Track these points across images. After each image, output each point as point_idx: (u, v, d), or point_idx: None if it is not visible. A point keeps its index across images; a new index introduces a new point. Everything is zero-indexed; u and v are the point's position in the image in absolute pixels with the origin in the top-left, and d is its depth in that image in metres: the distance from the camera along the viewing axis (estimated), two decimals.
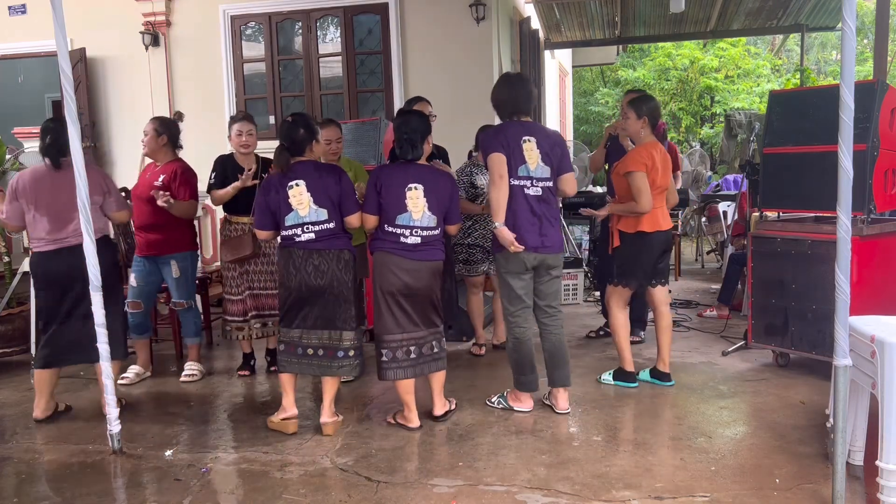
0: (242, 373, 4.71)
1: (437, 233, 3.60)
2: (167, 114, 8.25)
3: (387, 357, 3.57)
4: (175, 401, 4.28)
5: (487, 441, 3.45)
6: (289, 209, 3.50)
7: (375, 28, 7.90)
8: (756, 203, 4.82)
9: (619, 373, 4.22)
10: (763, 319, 4.43)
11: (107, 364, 3.48)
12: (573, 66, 15.34)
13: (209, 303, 5.83)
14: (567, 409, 3.78)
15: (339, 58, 8.01)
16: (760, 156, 4.57)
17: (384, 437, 3.54)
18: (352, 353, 3.56)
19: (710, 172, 11.95)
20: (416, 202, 3.51)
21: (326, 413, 3.61)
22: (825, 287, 3.82)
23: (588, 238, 7.75)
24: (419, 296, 3.56)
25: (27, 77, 11.18)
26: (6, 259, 5.40)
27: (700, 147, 13.17)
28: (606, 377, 4.27)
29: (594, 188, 10.12)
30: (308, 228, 3.50)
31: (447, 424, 3.68)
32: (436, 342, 3.66)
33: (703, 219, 9.07)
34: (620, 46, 14.44)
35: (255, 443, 3.55)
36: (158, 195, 4.29)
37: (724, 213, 8.23)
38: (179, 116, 4.78)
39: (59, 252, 3.82)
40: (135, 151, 6.68)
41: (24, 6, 8.51)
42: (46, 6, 3.31)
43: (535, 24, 10.24)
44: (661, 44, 16.50)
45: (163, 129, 4.53)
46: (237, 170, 4.46)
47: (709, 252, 9.40)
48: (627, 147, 4.52)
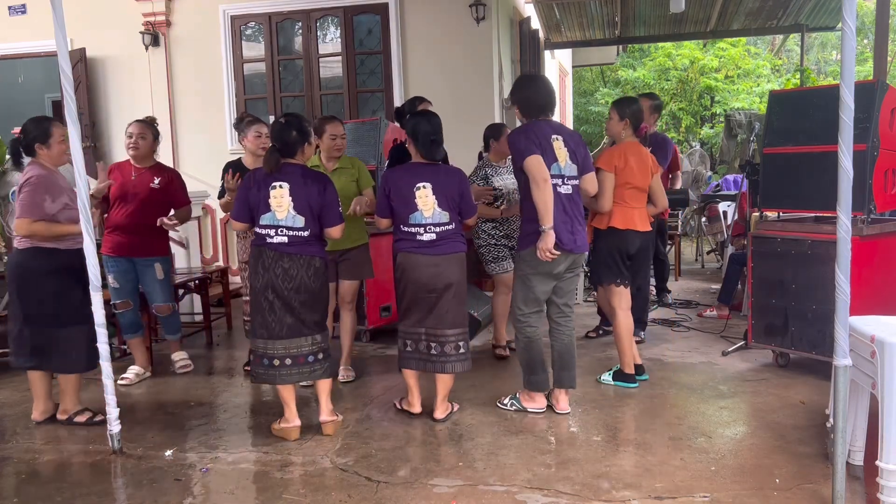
0: (249, 368, 4.69)
1: (452, 227, 3.66)
2: (167, 114, 8.30)
3: (410, 348, 3.68)
4: (175, 401, 4.28)
5: (487, 441, 3.45)
6: (267, 209, 3.45)
7: (375, 28, 7.90)
8: (756, 203, 4.82)
9: (620, 373, 4.22)
10: (763, 319, 4.43)
11: (107, 364, 3.47)
12: (573, 66, 15.36)
13: (209, 303, 5.83)
14: (567, 410, 3.79)
15: (339, 58, 8.02)
16: (760, 156, 4.56)
17: (384, 437, 3.55)
18: (321, 356, 3.56)
19: (710, 172, 11.94)
20: (426, 200, 3.59)
21: (325, 412, 3.62)
22: (825, 287, 3.83)
23: None
24: (447, 290, 3.60)
25: (27, 77, 11.18)
26: (6, 259, 5.40)
27: (700, 147, 13.17)
28: (606, 377, 4.28)
29: None
30: (282, 232, 3.45)
31: (447, 424, 3.69)
32: (462, 342, 3.70)
33: (703, 219, 9.07)
34: (620, 46, 14.45)
35: (256, 443, 3.55)
36: (165, 223, 4.50)
37: (724, 213, 8.23)
38: (153, 120, 4.87)
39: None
40: None
41: (24, 6, 8.52)
42: (46, 6, 3.31)
43: (535, 24, 10.24)
44: (661, 44, 16.53)
45: (155, 133, 4.69)
46: None
47: (709, 252, 9.41)
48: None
